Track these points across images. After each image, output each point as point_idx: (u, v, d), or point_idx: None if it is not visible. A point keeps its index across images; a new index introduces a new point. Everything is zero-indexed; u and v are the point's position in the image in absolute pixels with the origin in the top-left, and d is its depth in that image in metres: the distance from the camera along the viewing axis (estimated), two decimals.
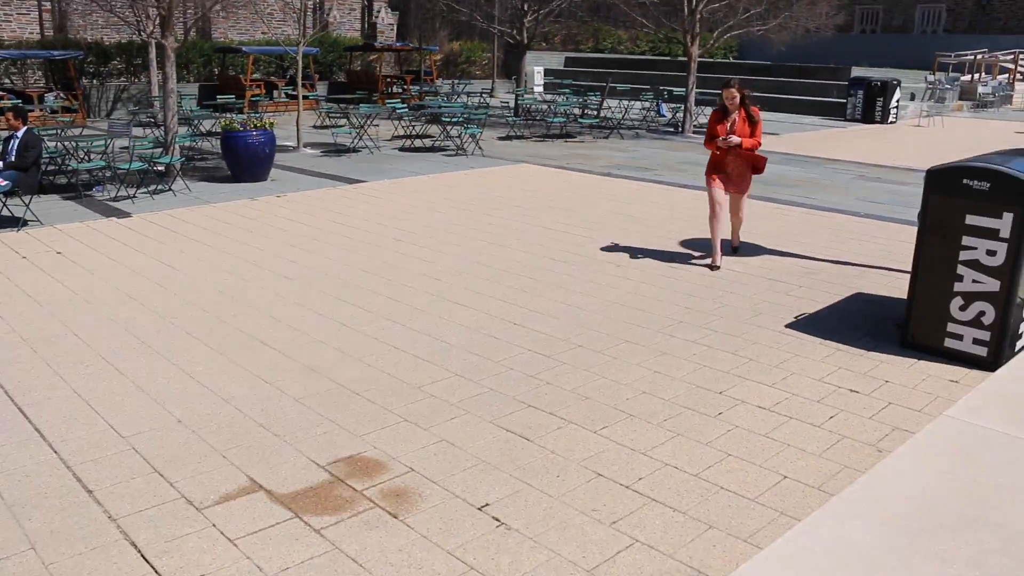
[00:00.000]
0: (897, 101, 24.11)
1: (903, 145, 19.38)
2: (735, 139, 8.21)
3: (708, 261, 8.63)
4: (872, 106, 23.97)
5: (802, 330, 6.70)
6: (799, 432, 4.97)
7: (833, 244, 9.51)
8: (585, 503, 4.19)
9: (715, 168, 8.52)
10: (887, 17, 38.02)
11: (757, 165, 8.52)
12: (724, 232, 8.67)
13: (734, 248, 9.00)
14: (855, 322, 6.89)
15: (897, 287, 7.75)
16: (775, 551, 3.80)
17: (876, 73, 26.31)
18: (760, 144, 8.39)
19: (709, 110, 23.81)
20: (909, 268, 6.40)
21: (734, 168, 8.44)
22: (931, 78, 27.91)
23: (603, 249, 9.20)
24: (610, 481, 4.40)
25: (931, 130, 22.30)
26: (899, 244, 9.39)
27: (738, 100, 8.30)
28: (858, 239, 9.77)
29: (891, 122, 23.93)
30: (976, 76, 29.32)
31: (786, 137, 20.32)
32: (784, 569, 3.67)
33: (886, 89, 23.82)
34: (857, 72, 26.71)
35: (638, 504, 4.18)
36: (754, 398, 5.43)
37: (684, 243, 9.49)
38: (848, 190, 13.14)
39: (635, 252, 9.08)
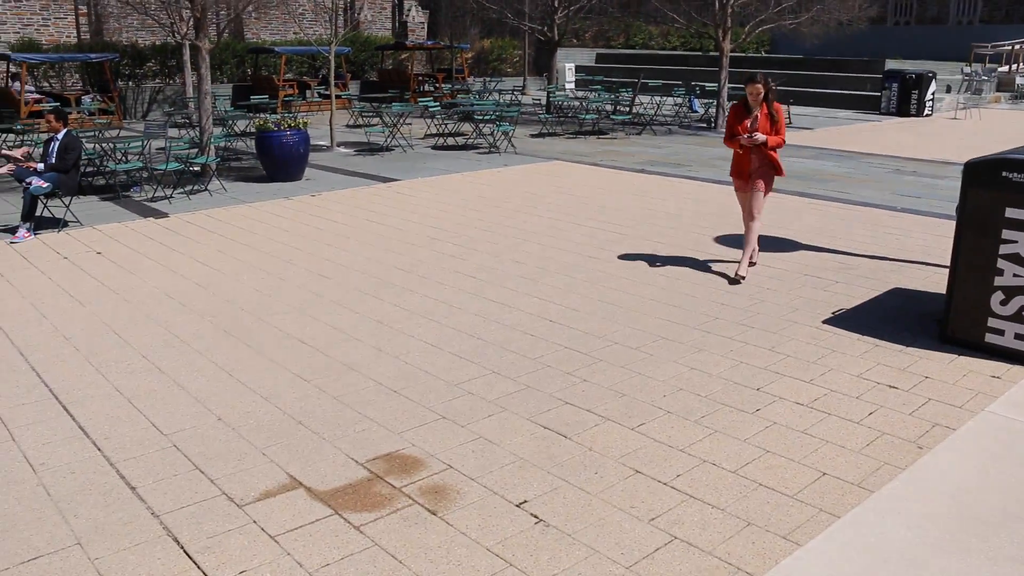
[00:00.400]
0: (932, 94, 23.82)
1: (939, 138, 19.15)
2: (760, 136, 7.67)
3: (735, 270, 8.03)
4: (907, 99, 23.71)
5: (839, 326, 6.66)
6: (838, 428, 4.94)
7: (869, 239, 9.43)
8: (623, 500, 4.19)
9: (738, 169, 8.05)
10: (921, 8, 37.52)
11: (778, 169, 7.99)
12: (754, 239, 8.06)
13: (751, 263, 8.23)
14: (893, 317, 6.83)
15: (935, 282, 7.67)
16: (815, 548, 3.78)
17: (911, 65, 26.02)
18: (784, 143, 7.92)
19: None
20: (947, 263, 6.34)
21: (756, 167, 7.90)
22: (967, 69, 27.51)
23: (637, 245, 9.19)
24: (648, 478, 4.40)
25: (968, 122, 22.00)
26: (937, 238, 9.29)
27: (762, 95, 7.80)
28: (895, 234, 9.68)
29: (927, 115, 23.65)
30: (1014, 67, 28.89)
31: (820, 131, 20.16)
32: (824, 566, 3.65)
33: (921, 81, 23.54)
34: (891, 65, 26.43)
35: (676, 501, 4.18)
36: (792, 394, 5.41)
37: (719, 239, 9.46)
38: (884, 184, 13.01)
39: (670, 248, 9.06)
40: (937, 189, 12.54)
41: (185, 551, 3.81)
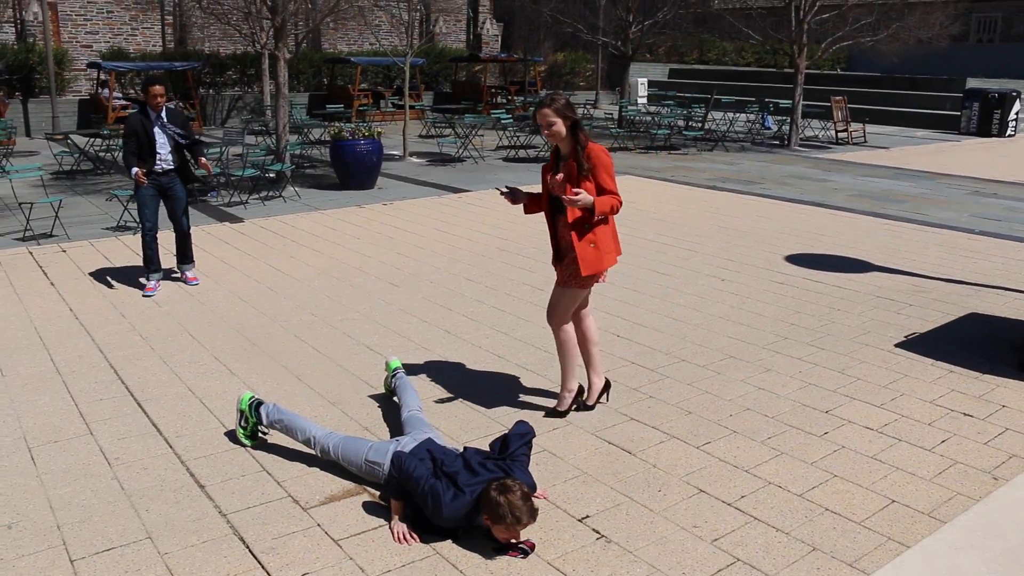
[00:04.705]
0: (1016, 113, 23.20)
1: (1022, 159, 18.63)
2: (584, 198, 4.79)
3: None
4: (988, 119, 23.14)
5: (913, 350, 6.52)
6: (909, 455, 4.84)
7: (945, 261, 9.22)
8: (686, 519, 4.16)
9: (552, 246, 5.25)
10: (1006, 25, 36.57)
11: (592, 257, 4.97)
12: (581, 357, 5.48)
13: (587, 404, 5.46)
14: (969, 343, 6.67)
15: (1015, 307, 7.47)
16: None
17: (993, 84, 25.38)
18: (612, 208, 4.91)
19: (816, 123, 23.48)
20: None
21: (565, 246, 5.06)
22: None
23: (707, 262, 9.12)
24: (712, 497, 4.36)
25: None
26: (1017, 263, 9.04)
27: (560, 128, 4.90)
28: (972, 256, 9.45)
29: (1009, 135, 23.05)
30: None
31: (896, 151, 19.78)
32: None
33: (1004, 101, 22.96)
34: (972, 83, 25.83)
35: (740, 522, 4.14)
36: (862, 418, 5.31)
37: (790, 258, 9.33)
38: (961, 206, 12.71)
39: (740, 266, 8.97)
40: (1018, 212, 12.20)
41: (250, 551, 3.89)
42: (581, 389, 5.41)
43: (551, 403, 5.47)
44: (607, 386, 5.49)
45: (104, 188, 13.68)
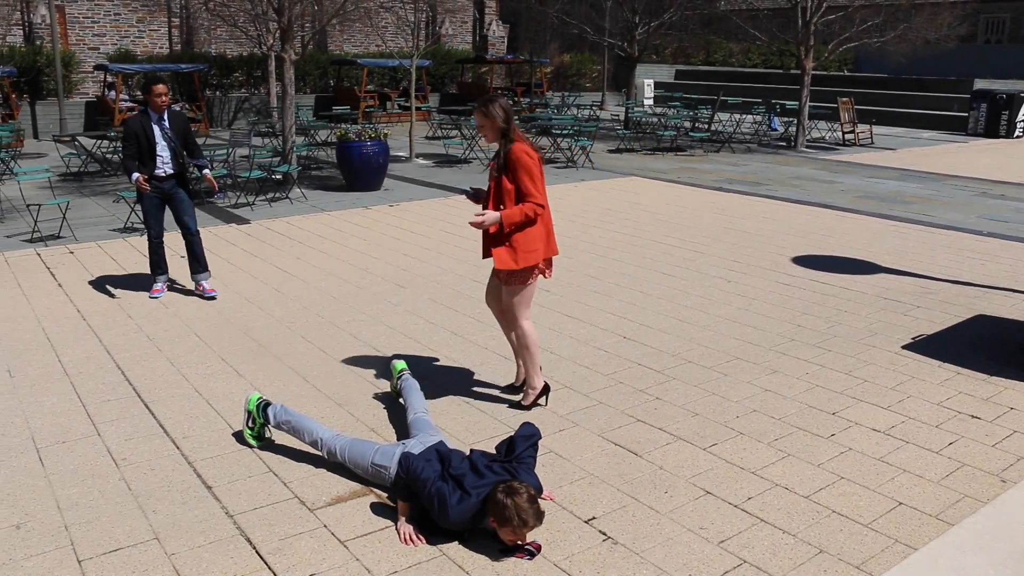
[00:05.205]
0: None
1: None
2: (490, 216, 4.96)
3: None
4: (996, 120, 23.09)
5: (920, 352, 6.51)
6: (916, 457, 4.83)
7: (953, 263, 9.20)
8: (693, 520, 4.16)
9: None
10: (1015, 26, 36.47)
11: (512, 252, 5.07)
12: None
13: (514, 386, 5.70)
14: (977, 345, 6.65)
15: (1023, 309, 7.44)
16: None
17: (1001, 85, 25.31)
18: (527, 216, 4.99)
19: (823, 124, 23.43)
20: None
21: (493, 242, 5.16)
22: None
23: (714, 264, 9.11)
24: (718, 499, 4.36)
25: None
26: None
27: (491, 130, 5.05)
28: (980, 258, 9.43)
29: (1017, 136, 22.99)
30: None
31: (902, 152, 19.74)
32: None
33: (1012, 102, 22.91)
34: (980, 84, 25.76)
35: (747, 524, 4.13)
36: (869, 420, 5.30)
37: (797, 260, 9.32)
38: (969, 207, 12.68)
39: (746, 267, 8.96)
40: None
41: (257, 551, 3.89)
42: (547, 386, 5.49)
43: (555, 403, 5.48)
44: (546, 388, 5.49)
45: (111, 190, 13.71)
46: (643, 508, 4.27)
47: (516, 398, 5.57)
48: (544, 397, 5.49)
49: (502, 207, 5.06)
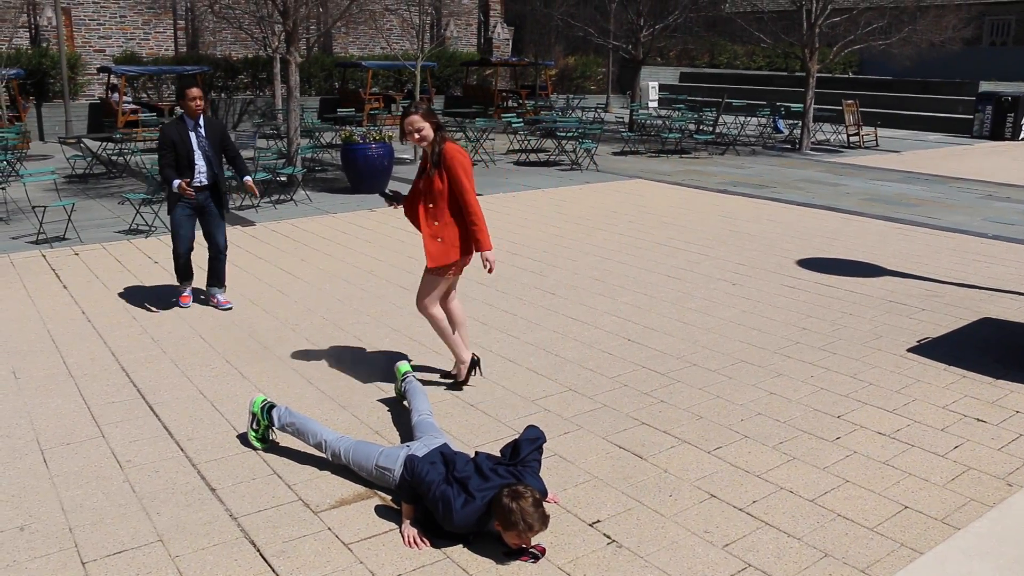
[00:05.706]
0: None
1: None
2: (489, 260, 5.63)
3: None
4: (1002, 122, 23.05)
5: (925, 355, 6.49)
6: (921, 461, 4.82)
7: (958, 266, 9.18)
8: (697, 524, 4.15)
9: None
10: (1020, 28, 36.39)
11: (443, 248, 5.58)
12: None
13: (451, 374, 5.93)
14: (983, 348, 6.63)
15: None
16: None
17: (1007, 87, 25.27)
18: (481, 228, 5.51)
19: (828, 127, 23.39)
20: None
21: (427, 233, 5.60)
22: None
23: (718, 267, 9.10)
24: (723, 503, 4.35)
25: None
26: None
27: (428, 132, 5.35)
28: (985, 261, 9.41)
29: (1022, 139, 22.93)
30: None
31: (907, 154, 19.71)
32: None
33: (1018, 104, 22.88)
34: (986, 86, 25.72)
35: (751, 527, 4.12)
36: (874, 424, 5.29)
37: (802, 262, 9.31)
38: (974, 210, 12.66)
39: (751, 270, 8.95)
40: None
41: (261, 554, 3.89)
42: (476, 358, 5.85)
43: (560, 406, 5.47)
44: (476, 362, 5.83)
45: (116, 192, 13.73)
46: (648, 511, 4.26)
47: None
48: (476, 368, 5.85)
49: (431, 206, 5.46)
